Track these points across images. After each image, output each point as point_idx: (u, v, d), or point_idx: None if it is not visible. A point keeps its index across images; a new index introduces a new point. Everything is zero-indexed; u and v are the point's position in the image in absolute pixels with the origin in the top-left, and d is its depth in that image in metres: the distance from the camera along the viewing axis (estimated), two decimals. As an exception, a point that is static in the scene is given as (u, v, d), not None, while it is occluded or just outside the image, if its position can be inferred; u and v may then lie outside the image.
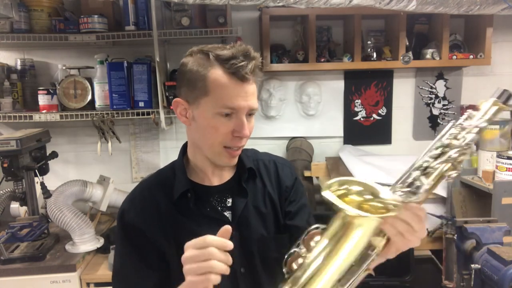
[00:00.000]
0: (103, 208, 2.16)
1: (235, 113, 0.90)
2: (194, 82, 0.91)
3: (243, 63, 0.87)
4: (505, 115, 2.34)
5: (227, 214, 1.01)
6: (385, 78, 2.52)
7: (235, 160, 0.99)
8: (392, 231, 0.74)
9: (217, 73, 0.88)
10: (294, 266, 0.74)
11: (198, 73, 0.90)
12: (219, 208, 1.02)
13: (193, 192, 0.99)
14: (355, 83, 2.52)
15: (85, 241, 1.92)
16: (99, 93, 2.16)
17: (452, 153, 0.73)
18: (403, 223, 0.73)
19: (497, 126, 1.89)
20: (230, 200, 1.03)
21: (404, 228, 0.73)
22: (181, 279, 0.96)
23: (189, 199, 0.99)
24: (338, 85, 2.52)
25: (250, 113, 0.93)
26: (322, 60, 2.32)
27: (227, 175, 1.05)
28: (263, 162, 1.10)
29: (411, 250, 2.06)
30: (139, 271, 0.96)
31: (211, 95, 0.89)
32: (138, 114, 2.15)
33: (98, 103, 2.17)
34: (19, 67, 2.31)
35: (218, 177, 1.04)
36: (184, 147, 1.07)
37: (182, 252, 0.80)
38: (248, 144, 1.08)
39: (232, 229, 0.99)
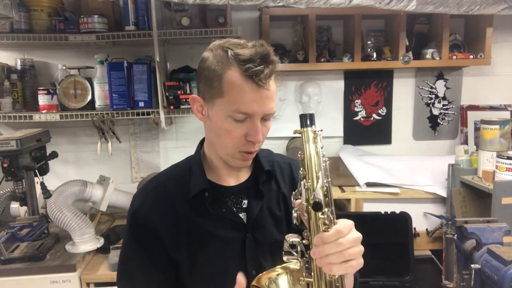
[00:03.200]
0: (103, 208, 2.16)
1: (249, 117, 0.89)
2: (210, 80, 0.89)
3: (259, 67, 0.85)
4: (505, 115, 2.34)
5: (242, 215, 0.99)
6: (385, 78, 2.52)
7: (249, 163, 0.98)
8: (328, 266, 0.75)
9: (233, 75, 0.86)
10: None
11: (215, 72, 0.89)
12: (235, 209, 1.00)
13: (210, 192, 0.97)
14: (355, 83, 2.52)
15: (85, 241, 1.92)
16: (99, 93, 2.16)
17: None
18: (330, 256, 0.74)
19: (497, 126, 1.89)
20: (246, 201, 1.01)
21: (334, 258, 0.74)
22: (192, 279, 0.96)
23: (205, 198, 0.97)
24: (338, 85, 2.52)
25: (265, 118, 0.91)
26: (322, 60, 2.32)
27: (244, 176, 1.04)
28: (279, 163, 1.09)
29: (411, 250, 2.06)
30: (145, 271, 0.95)
31: (226, 97, 0.88)
32: (138, 114, 2.15)
33: (98, 103, 2.17)
34: (19, 67, 2.31)
35: (234, 178, 1.02)
36: (201, 142, 1.05)
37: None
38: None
39: (247, 232, 0.98)
